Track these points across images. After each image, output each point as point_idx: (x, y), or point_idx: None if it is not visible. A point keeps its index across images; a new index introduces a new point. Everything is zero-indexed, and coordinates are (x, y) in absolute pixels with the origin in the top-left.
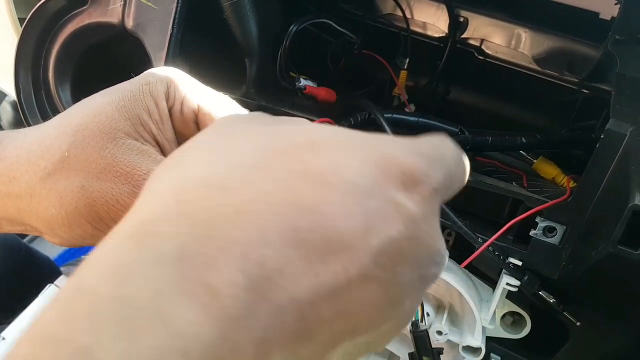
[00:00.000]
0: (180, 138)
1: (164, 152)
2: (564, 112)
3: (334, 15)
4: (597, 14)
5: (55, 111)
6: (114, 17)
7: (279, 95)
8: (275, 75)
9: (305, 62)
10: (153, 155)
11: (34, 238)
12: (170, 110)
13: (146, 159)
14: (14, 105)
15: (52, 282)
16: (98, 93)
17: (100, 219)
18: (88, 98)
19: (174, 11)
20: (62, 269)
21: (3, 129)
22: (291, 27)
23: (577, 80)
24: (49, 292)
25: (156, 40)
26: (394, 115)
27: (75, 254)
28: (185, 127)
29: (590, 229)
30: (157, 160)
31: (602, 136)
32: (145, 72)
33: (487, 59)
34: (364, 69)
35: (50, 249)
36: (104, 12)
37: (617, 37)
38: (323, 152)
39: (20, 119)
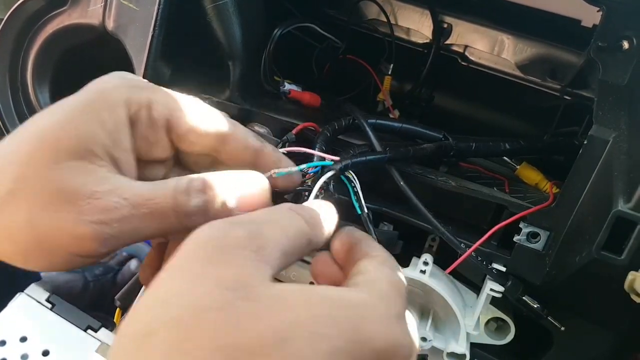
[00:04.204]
0: (144, 144)
1: (118, 164)
2: (546, 118)
3: (318, 19)
4: (579, 21)
5: (34, 114)
6: (94, 19)
7: (263, 99)
8: (259, 79)
9: (290, 66)
10: (100, 174)
11: None
12: (134, 115)
13: (91, 180)
14: None
15: (23, 291)
16: (46, 110)
17: (52, 253)
18: (36, 117)
19: (155, 12)
20: (42, 274)
21: None
22: (275, 31)
23: (559, 86)
24: (19, 301)
25: (137, 42)
26: (378, 121)
27: None
28: (152, 132)
29: (574, 234)
30: (104, 179)
31: (585, 142)
32: (97, 79)
33: (471, 65)
34: (349, 74)
35: None
36: (84, 13)
37: (599, 43)
38: (290, 350)
39: None
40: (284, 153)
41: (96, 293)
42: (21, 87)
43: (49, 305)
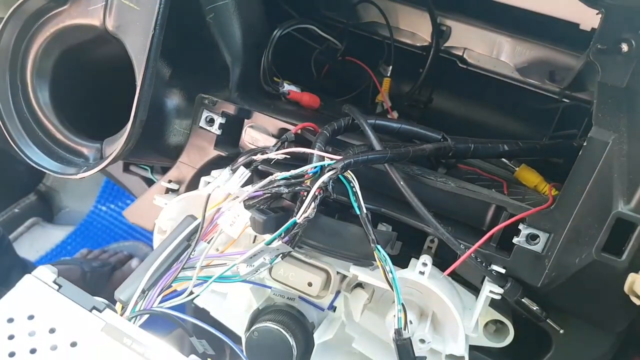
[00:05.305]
0: None
1: None
2: (545, 120)
3: (317, 21)
4: (577, 25)
5: (33, 113)
6: (94, 19)
7: (262, 99)
8: (259, 80)
9: (289, 67)
10: None
11: (16, 238)
12: None
13: None
14: None
15: (30, 273)
16: None
17: None
18: None
19: (156, 12)
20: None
21: None
22: (275, 32)
23: (558, 89)
24: (27, 282)
25: (138, 42)
26: (377, 121)
27: (57, 256)
28: None
29: (574, 236)
30: None
31: (584, 144)
32: None
33: (470, 68)
34: (348, 76)
35: (29, 252)
36: (85, 12)
37: (598, 46)
38: None
39: None
40: (284, 154)
41: (92, 283)
42: (21, 86)
43: (56, 287)
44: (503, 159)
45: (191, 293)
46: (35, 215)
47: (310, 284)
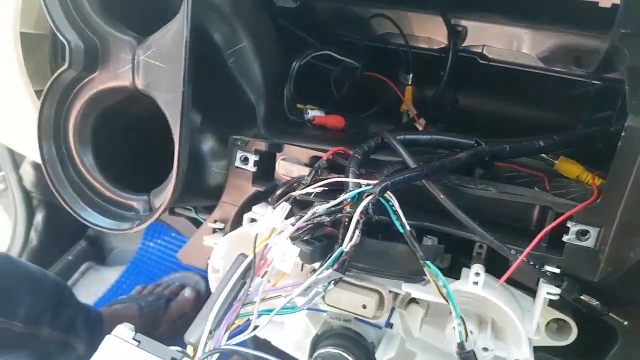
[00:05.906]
0: None
1: None
2: (577, 105)
3: (331, 43)
4: (596, 3)
5: (81, 176)
6: (124, 80)
7: (288, 129)
8: (284, 111)
9: (311, 92)
10: None
11: (74, 284)
12: None
13: None
14: (35, 166)
15: (110, 333)
16: None
17: None
18: None
19: (183, 69)
20: (102, 310)
21: (27, 190)
22: (294, 64)
23: (586, 73)
24: (109, 342)
25: (169, 97)
26: (407, 137)
27: (113, 295)
28: None
29: (625, 228)
30: None
31: (622, 134)
32: None
33: (491, 63)
34: (369, 90)
35: (87, 295)
36: (115, 75)
37: (622, 30)
38: None
39: (43, 178)
40: (319, 187)
41: (150, 317)
42: (66, 153)
43: (136, 343)
44: None
45: (254, 327)
46: (88, 259)
47: (364, 307)
